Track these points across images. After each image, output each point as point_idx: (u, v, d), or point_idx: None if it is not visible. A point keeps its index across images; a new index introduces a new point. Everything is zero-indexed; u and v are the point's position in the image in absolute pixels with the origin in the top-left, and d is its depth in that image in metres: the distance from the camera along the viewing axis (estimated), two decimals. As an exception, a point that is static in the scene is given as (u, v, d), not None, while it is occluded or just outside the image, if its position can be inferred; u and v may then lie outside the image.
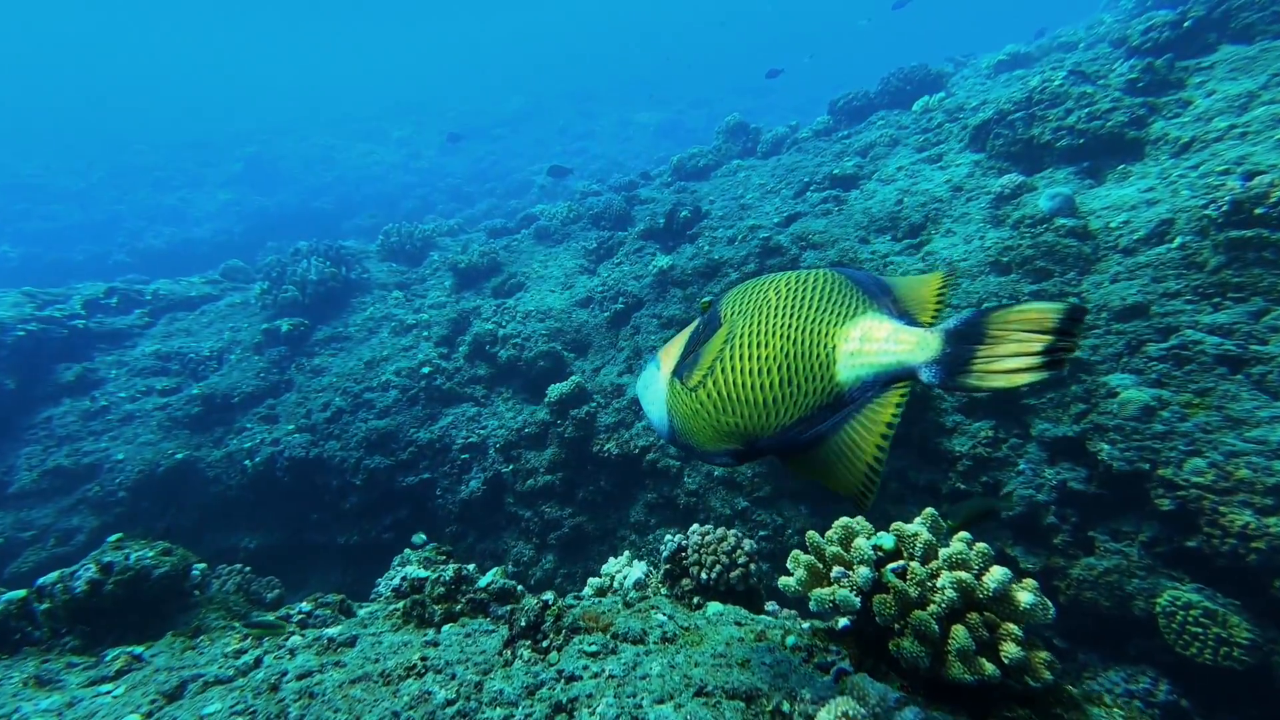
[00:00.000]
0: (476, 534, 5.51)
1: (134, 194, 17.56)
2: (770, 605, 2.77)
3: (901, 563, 1.69)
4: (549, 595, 1.66)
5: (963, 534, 1.78)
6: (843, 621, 1.85)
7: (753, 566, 2.23)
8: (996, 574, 1.56)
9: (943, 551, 1.68)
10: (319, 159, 20.41)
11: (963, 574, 1.57)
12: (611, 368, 6.01)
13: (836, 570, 1.70)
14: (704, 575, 2.19)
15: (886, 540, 1.74)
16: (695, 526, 2.35)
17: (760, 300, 1.26)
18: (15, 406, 5.39)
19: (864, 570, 1.65)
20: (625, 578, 2.38)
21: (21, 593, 2.13)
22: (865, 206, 5.94)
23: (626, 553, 2.62)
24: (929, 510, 1.83)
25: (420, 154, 21.79)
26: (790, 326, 1.20)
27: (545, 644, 1.61)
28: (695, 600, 2.21)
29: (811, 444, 1.17)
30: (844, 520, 1.79)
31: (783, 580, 1.81)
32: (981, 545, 1.68)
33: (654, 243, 7.14)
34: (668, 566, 2.28)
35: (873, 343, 1.13)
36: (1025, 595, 1.54)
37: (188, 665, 1.60)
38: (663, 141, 22.36)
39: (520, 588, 2.25)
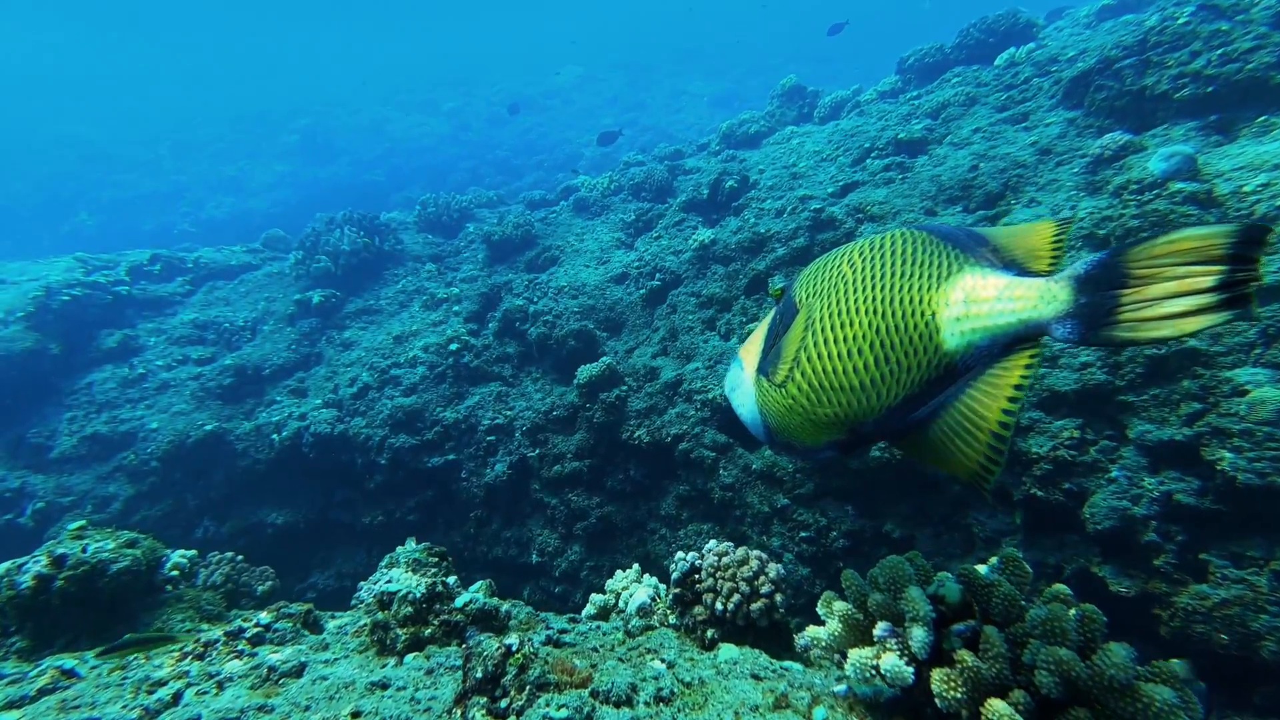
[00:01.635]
0: (501, 520, 5.30)
1: (197, 165, 18.20)
2: (802, 638, 2.36)
3: (971, 623, 1.26)
4: (512, 640, 1.33)
5: (1059, 588, 1.33)
6: (890, 689, 1.45)
7: (779, 598, 1.83)
8: (1116, 655, 1.12)
9: (1031, 613, 1.24)
10: (371, 130, 20.60)
11: (1063, 652, 1.14)
12: (646, 349, 5.64)
13: (882, 627, 1.29)
14: (719, 605, 1.81)
15: (950, 589, 1.31)
16: (712, 544, 1.97)
17: (835, 276, 1.15)
18: (60, 370, 5.51)
19: (920, 632, 1.23)
20: (630, 598, 2.02)
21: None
22: (934, 174, 5.29)
23: (635, 566, 2.27)
24: (1009, 550, 1.38)
25: (469, 126, 21.71)
26: (875, 299, 1.08)
27: (504, 704, 1.27)
28: (709, 634, 1.84)
29: (925, 422, 1.05)
30: (892, 559, 1.37)
31: (811, 631, 1.41)
32: (1088, 607, 1.24)
33: (696, 215, 6.66)
34: (677, 591, 1.92)
35: (981, 303, 1.00)
36: (1161, 692, 1.09)
37: (85, 700, 1.37)
38: (717, 112, 21.47)
39: (506, 607, 1.93)
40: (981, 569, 1.33)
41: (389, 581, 2.11)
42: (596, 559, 4.98)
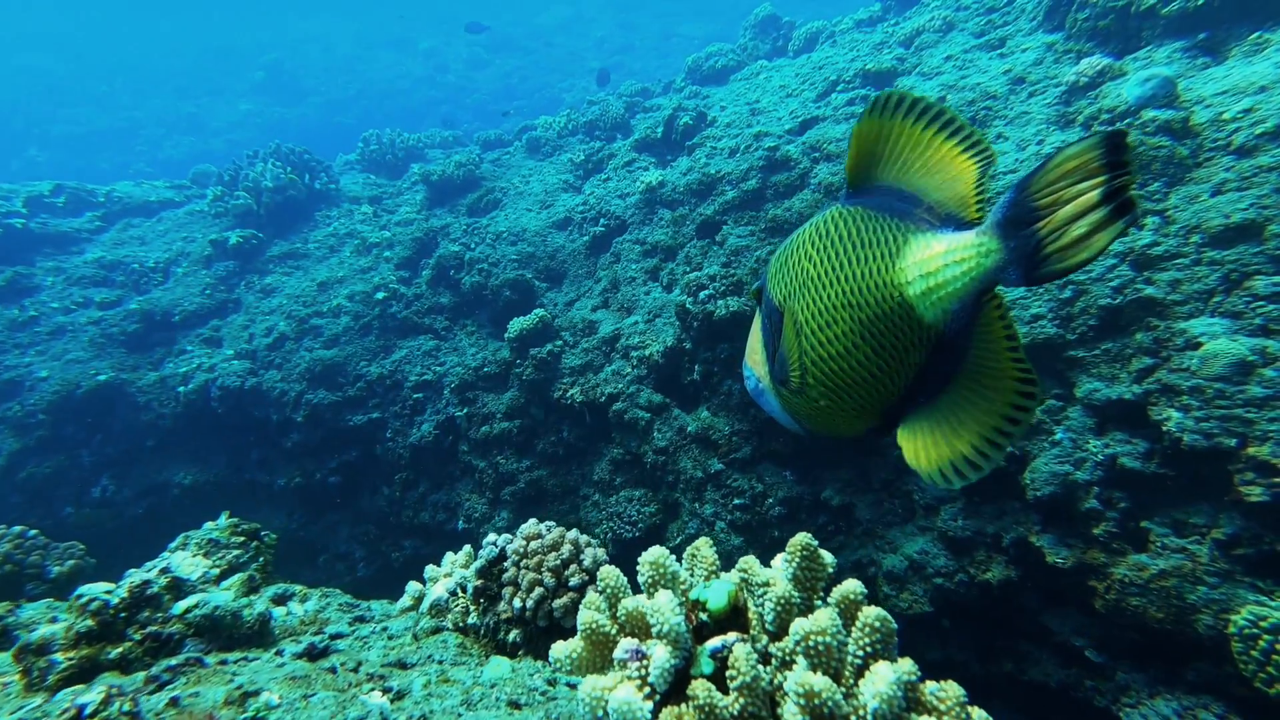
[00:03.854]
0: (429, 483, 5.01)
1: (154, 100, 17.16)
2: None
3: (731, 639, 0.93)
4: (92, 696, 0.97)
5: (849, 588, 0.96)
6: None
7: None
8: (881, 681, 0.79)
9: (796, 626, 0.87)
10: (343, 69, 19.49)
11: (815, 680, 0.80)
12: (586, 300, 5.25)
13: (624, 645, 0.95)
14: (518, 602, 1.49)
15: (715, 594, 0.98)
16: (528, 524, 1.64)
17: (801, 275, 1.16)
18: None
19: (663, 653, 0.90)
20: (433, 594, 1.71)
21: None
22: (899, 107, 4.78)
23: (466, 547, 1.94)
24: (800, 538, 1.01)
25: (447, 67, 20.60)
26: (845, 292, 1.08)
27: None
28: (511, 637, 1.53)
29: (950, 380, 1.04)
30: (654, 550, 1.02)
31: (554, 649, 1.07)
32: (874, 613, 0.88)
33: (649, 155, 6.15)
34: (479, 583, 1.59)
35: (935, 274, 0.98)
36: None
37: None
38: (707, 55, 20.35)
39: (260, 611, 1.58)
40: (774, 564, 1.00)
41: (162, 571, 1.77)
42: (524, 521, 4.72)
